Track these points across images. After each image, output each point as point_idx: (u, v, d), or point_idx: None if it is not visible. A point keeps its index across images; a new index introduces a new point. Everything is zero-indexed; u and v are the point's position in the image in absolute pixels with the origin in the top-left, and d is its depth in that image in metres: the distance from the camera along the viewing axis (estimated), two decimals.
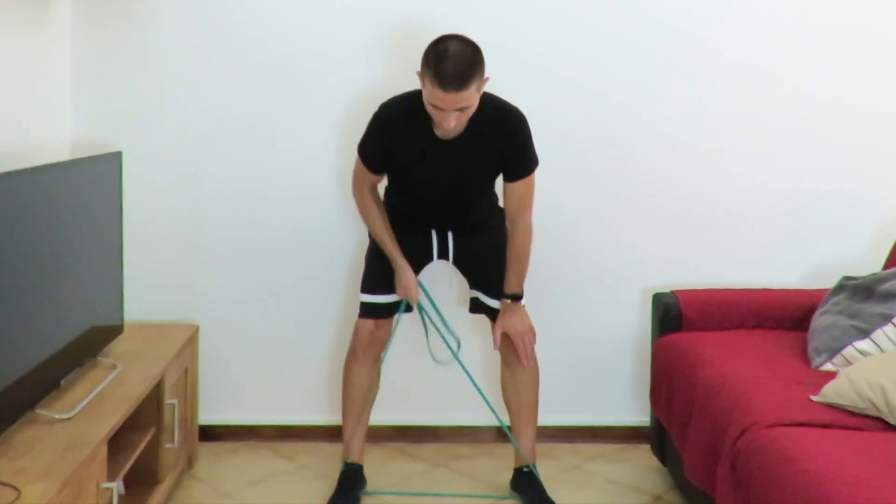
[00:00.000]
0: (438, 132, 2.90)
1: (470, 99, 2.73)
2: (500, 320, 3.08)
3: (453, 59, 2.69)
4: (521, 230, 3.02)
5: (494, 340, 3.09)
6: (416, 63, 2.79)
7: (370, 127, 2.98)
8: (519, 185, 2.98)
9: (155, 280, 3.51)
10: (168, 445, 2.97)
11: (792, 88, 3.54)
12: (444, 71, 2.67)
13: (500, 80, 2.99)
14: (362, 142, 3.01)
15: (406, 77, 2.99)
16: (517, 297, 3.07)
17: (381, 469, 3.37)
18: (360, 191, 3.07)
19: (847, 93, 3.56)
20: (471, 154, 2.92)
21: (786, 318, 3.29)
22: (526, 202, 3.01)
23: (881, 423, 2.45)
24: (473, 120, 2.87)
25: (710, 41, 3.51)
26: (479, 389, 3.21)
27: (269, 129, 3.49)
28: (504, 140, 2.93)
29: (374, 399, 3.23)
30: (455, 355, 3.21)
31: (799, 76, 3.54)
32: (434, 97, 2.72)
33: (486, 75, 2.78)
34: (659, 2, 3.49)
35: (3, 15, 2.86)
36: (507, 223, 3.04)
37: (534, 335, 3.10)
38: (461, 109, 2.74)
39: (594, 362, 3.65)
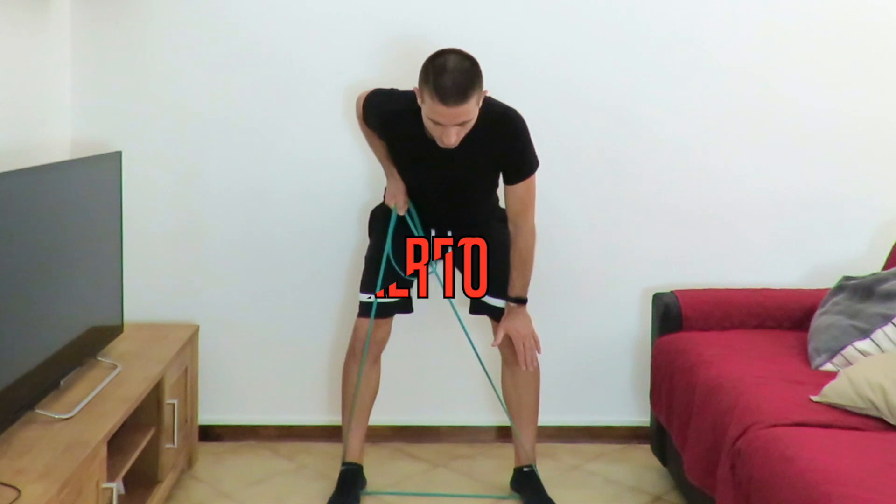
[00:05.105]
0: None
1: (470, 113, 2.72)
2: (504, 321, 3.06)
3: (452, 73, 2.68)
4: (525, 233, 3.01)
5: (495, 337, 3.08)
6: (416, 64, 2.78)
7: (371, 103, 3.01)
8: (519, 188, 2.98)
9: (155, 280, 3.51)
10: (168, 445, 2.97)
11: (792, 89, 3.54)
12: (444, 84, 2.66)
13: (499, 86, 2.98)
14: (368, 101, 3.03)
15: (406, 78, 2.98)
16: (521, 301, 3.06)
17: (381, 469, 3.37)
18: (361, 120, 3.11)
19: (847, 94, 3.55)
20: (470, 157, 2.91)
21: (786, 318, 3.29)
22: (527, 204, 3.00)
23: (881, 423, 2.45)
24: None
25: (709, 44, 3.51)
26: (469, 338, 3.19)
27: (269, 129, 3.49)
28: (503, 143, 2.92)
29: (373, 399, 3.22)
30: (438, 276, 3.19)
31: (799, 78, 3.54)
32: (434, 112, 2.71)
33: (484, 88, 2.77)
34: (659, 7, 3.49)
35: (3, 15, 2.86)
36: (510, 226, 3.03)
37: (536, 342, 3.08)
38: (461, 124, 2.73)
39: (594, 362, 3.65)
